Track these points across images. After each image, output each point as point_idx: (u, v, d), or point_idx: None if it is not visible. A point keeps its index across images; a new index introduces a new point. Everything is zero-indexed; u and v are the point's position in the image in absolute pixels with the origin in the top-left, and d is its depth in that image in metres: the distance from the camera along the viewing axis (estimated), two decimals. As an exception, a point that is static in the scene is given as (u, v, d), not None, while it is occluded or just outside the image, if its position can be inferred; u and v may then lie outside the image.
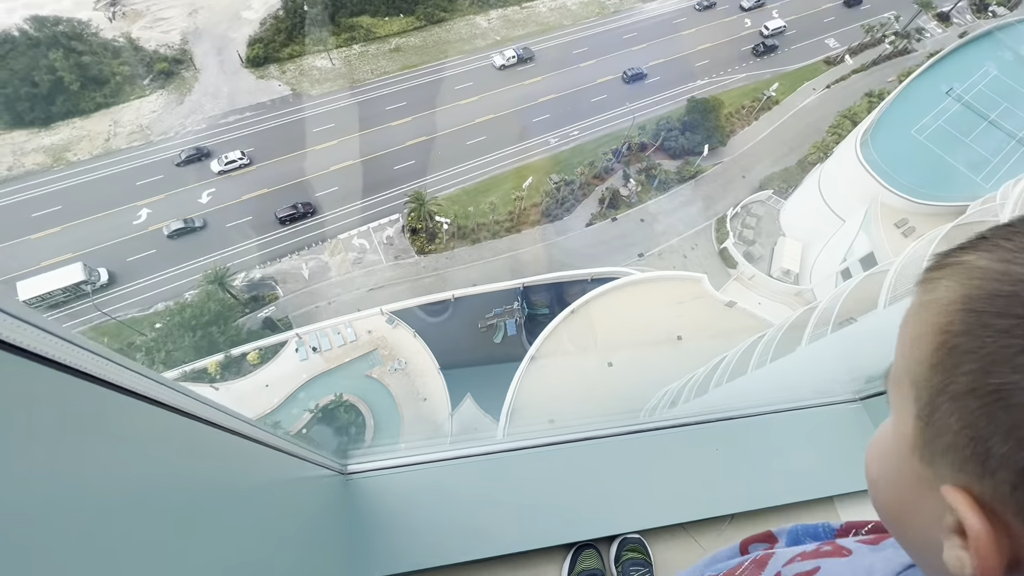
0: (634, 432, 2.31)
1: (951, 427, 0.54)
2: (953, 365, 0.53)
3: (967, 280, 0.54)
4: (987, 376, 0.49)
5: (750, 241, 35.41)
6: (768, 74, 46.42)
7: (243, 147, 37.37)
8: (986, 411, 0.49)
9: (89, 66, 38.03)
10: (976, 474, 0.52)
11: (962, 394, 0.52)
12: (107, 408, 0.76)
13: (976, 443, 0.51)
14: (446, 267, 34.34)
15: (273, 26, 43.87)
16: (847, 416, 2.50)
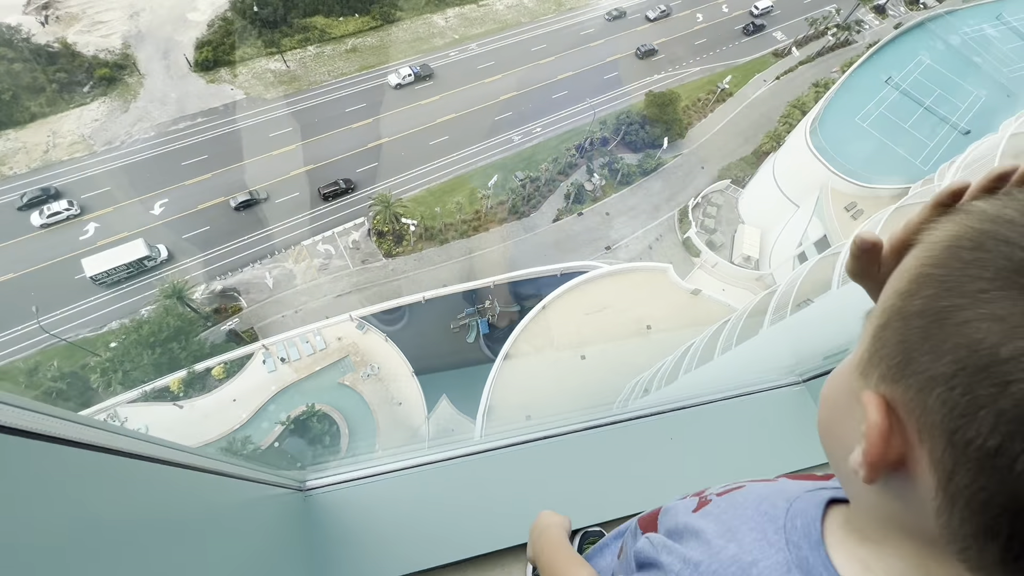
0: (592, 427, 2.37)
1: (891, 341, 0.60)
2: (916, 290, 0.58)
3: (961, 221, 0.58)
4: (938, 300, 0.54)
5: (711, 230, 36.44)
6: (721, 67, 47.78)
7: (198, 154, 35.96)
8: (924, 328, 0.55)
9: (20, 73, 35.82)
10: (893, 380, 0.59)
11: (912, 314, 0.57)
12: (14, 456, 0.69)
13: (904, 354, 0.57)
14: (415, 269, 34.00)
15: (222, 28, 42.31)
16: (791, 398, 2.64)
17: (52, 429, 0.77)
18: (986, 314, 0.49)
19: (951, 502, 0.54)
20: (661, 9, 50.18)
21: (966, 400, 0.50)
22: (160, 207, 33.59)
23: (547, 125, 41.62)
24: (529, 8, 50.02)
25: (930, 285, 0.57)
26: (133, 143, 36.20)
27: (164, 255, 31.75)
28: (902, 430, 0.58)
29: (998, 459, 0.48)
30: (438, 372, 28.27)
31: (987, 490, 0.50)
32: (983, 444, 0.49)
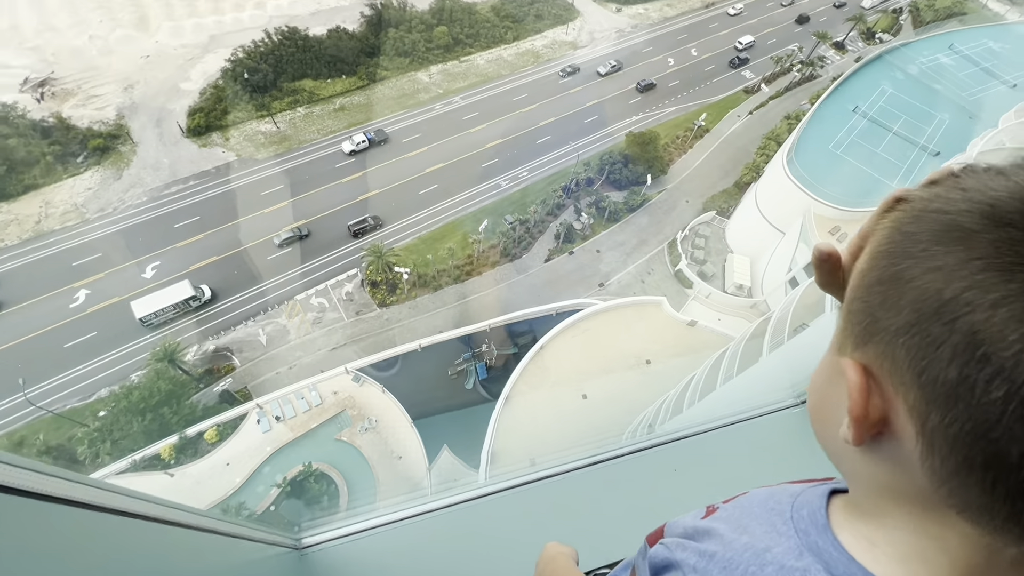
0: (593, 463, 2.29)
1: (857, 311, 0.69)
2: (871, 267, 0.68)
3: (899, 210, 0.69)
4: (889, 267, 0.64)
5: (702, 261, 36.89)
6: (695, 106, 49.89)
7: (190, 216, 36.40)
8: (883, 292, 0.64)
9: (14, 148, 36.60)
10: (864, 343, 0.67)
11: (871, 284, 0.67)
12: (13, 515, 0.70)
13: (869, 317, 0.66)
14: (410, 317, 33.87)
15: (214, 95, 43.85)
16: (791, 420, 2.60)
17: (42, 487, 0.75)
18: (929, 267, 0.59)
19: (930, 444, 0.59)
20: (612, 64, 51.80)
21: (925, 342, 0.57)
22: (152, 270, 33.61)
23: (533, 169, 42.78)
24: (509, 62, 52.49)
25: (882, 258, 0.66)
26: (126, 209, 36.64)
27: (208, 295, 32.47)
28: (880, 390, 0.64)
29: (960, 388, 0.54)
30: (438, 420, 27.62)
31: (957, 421, 0.55)
32: (945, 378, 0.55)
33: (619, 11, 60.43)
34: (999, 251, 0.55)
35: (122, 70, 45.32)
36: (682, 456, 2.43)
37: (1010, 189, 0.59)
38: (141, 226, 35.72)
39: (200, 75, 45.78)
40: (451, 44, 51.52)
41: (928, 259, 0.60)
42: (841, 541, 0.74)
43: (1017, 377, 0.51)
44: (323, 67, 47.10)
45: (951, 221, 0.60)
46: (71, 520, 0.79)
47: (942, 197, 0.64)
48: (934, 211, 0.63)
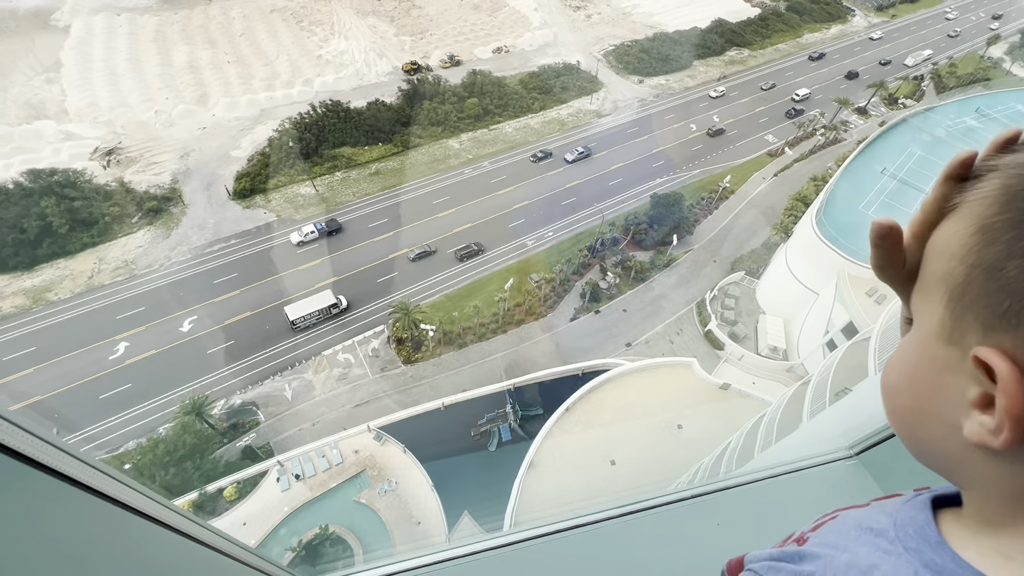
0: (628, 513, 2.10)
1: (986, 293, 0.59)
2: (988, 241, 0.59)
3: (1003, 176, 0.61)
4: (1021, 238, 0.56)
5: (732, 321, 35.95)
6: (719, 168, 50.72)
7: (229, 273, 38.03)
8: (1020, 265, 0.55)
9: (79, 210, 39.64)
10: (1005, 327, 0.57)
11: (996, 260, 0.58)
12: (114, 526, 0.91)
13: (1008, 297, 0.56)
14: (434, 375, 33.65)
15: (260, 161, 47.14)
16: (844, 473, 2.39)
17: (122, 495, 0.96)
18: None
19: None
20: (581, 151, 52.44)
21: None
22: (189, 324, 34.77)
23: (559, 229, 43.56)
24: (535, 129, 55.07)
25: (1005, 230, 0.58)
26: (171, 265, 38.63)
27: (345, 303, 36.47)
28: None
29: None
30: (459, 483, 26.58)
31: None
32: None
33: (641, 82, 63.45)
34: None
35: (181, 140, 49.45)
36: (724, 508, 2.21)
37: None
38: (183, 282, 37.42)
39: (249, 144, 49.49)
40: (481, 114, 54.63)
41: None
42: (965, 558, 0.65)
43: None
44: (361, 135, 50.34)
45: None
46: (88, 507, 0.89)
47: None
48: None
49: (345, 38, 65.66)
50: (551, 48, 68.22)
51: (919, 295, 0.73)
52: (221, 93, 55.07)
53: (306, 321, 34.85)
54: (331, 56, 62.65)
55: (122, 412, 30.22)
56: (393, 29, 69.36)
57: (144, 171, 45.89)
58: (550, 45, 68.82)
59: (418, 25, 70.89)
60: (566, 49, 68.01)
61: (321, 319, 35.45)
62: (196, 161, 47.59)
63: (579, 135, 54.24)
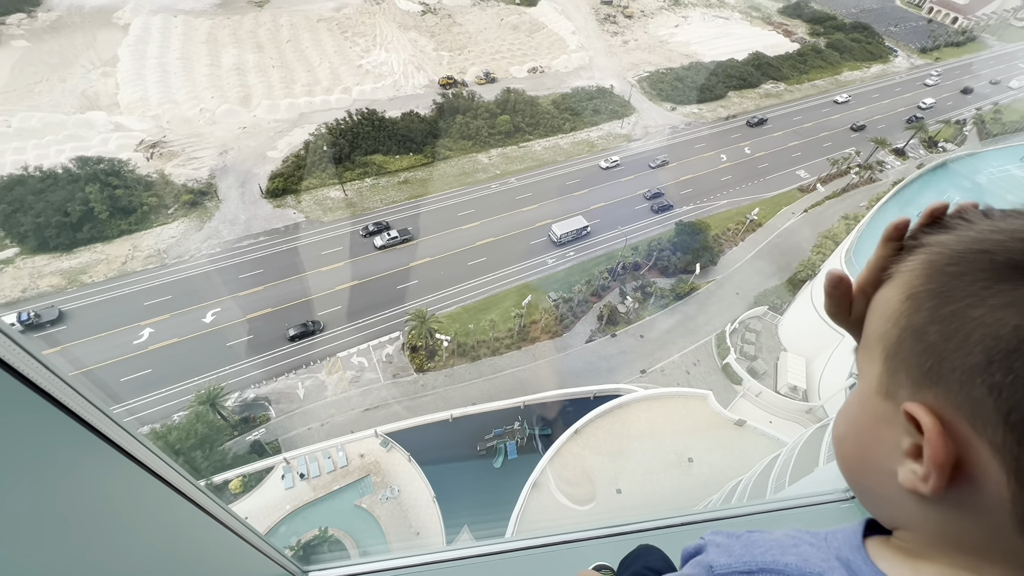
0: (619, 534, 2.05)
1: (912, 353, 0.68)
2: (914, 308, 0.68)
3: (928, 252, 0.71)
4: (942, 306, 0.64)
5: (752, 357, 35.14)
6: (747, 200, 50.16)
7: (255, 268, 38.96)
8: (940, 331, 0.64)
9: (120, 198, 41.27)
10: (930, 383, 0.65)
11: (921, 325, 0.67)
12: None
13: (930, 358, 0.65)
14: (445, 385, 33.63)
15: (294, 163, 48.50)
16: (840, 515, 2.33)
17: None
18: (996, 304, 0.59)
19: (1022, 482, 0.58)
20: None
21: (1010, 380, 0.56)
22: (212, 315, 35.60)
23: (580, 249, 43.49)
24: (564, 149, 55.48)
25: (928, 299, 0.67)
26: (201, 257, 39.77)
27: (589, 228, 44.17)
28: (951, 433, 0.62)
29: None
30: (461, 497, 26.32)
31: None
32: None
33: (673, 110, 63.57)
34: None
35: (221, 138, 51.29)
36: None
37: None
38: (211, 274, 38.42)
39: (286, 145, 51.03)
40: (512, 131, 55.35)
41: (992, 296, 0.60)
42: (879, 567, 0.73)
43: None
44: (394, 144, 51.43)
45: (1011, 259, 0.61)
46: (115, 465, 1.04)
47: (981, 238, 0.66)
48: (978, 251, 0.65)
49: (386, 50, 67.64)
50: (586, 71, 69.02)
51: (863, 352, 0.81)
52: (263, 96, 57.11)
53: (566, 238, 43.03)
54: (371, 66, 64.54)
55: (141, 396, 30.94)
56: (433, 44, 71.20)
57: (184, 165, 47.63)
58: (585, 68, 69.64)
59: (457, 41, 72.63)
60: (600, 73, 68.71)
61: (576, 238, 43.61)
62: (234, 159, 49.22)
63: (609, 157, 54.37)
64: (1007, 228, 0.66)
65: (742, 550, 0.85)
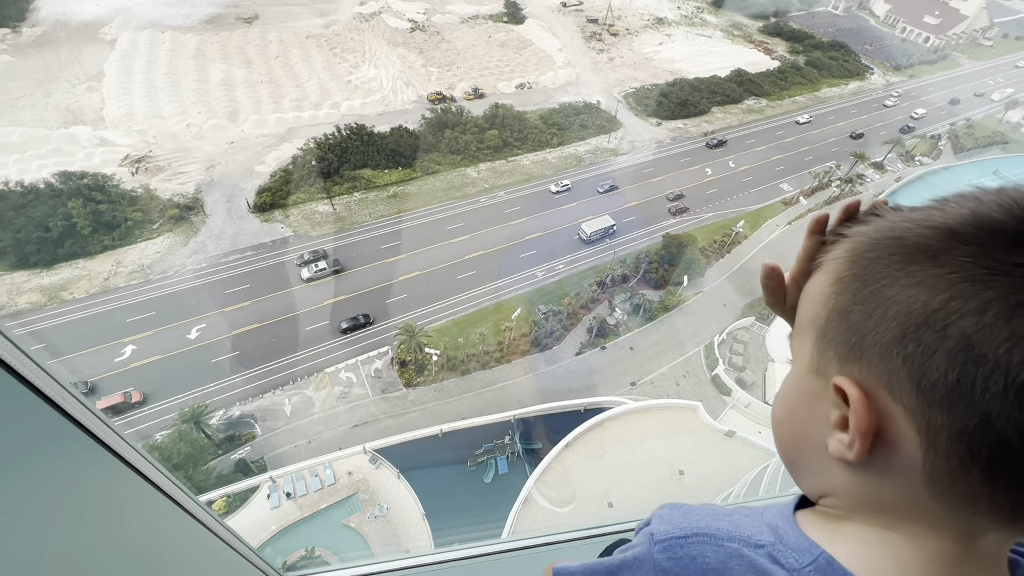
0: (607, 534, 2.04)
1: (839, 331, 0.75)
2: (839, 291, 0.77)
3: (851, 242, 0.79)
4: (863, 288, 0.72)
5: (740, 367, 35.39)
6: (733, 213, 50.94)
7: (242, 284, 38.51)
8: (863, 311, 0.71)
9: (103, 213, 40.69)
10: (855, 358, 0.72)
11: (846, 306, 0.75)
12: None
13: (854, 335, 0.72)
14: (435, 400, 33.32)
15: (282, 177, 48.31)
16: None
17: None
18: (907, 283, 0.67)
19: (933, 444, 0.65)
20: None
21: (920, 350, 0.64)
22: (197, 331, 35.02)
23: (569, 263, 43.71)
24: (552, 163, 56.04)
25: (852, 282, 0.75)
26: (186, 272, 39.23)
27: (615, 226, 45.83)
28: (873, 403, 0.70)
29: (960, 388, 0.61)
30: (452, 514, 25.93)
31: (960, 419, 0.62)
32: (944, 380, 0.62)
33: (659, 125, 64.67)
34: (969, 264, 0.63)
35: (209, 152, 51.01)
36: None
37: (963, 215, 0.68)
38: (196, 290, 37.89)
39: (274, 160, 50.87)
40: (500, 145, 55.81)
41: (904, 276, 0.67)
42: (806, 532, 0.81)
43: (1012, 369, 0.58)
44: (383, 159, 51.53)
45: (918, 243, 0.69)
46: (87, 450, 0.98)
47: (894, 227, 0.74)
48: (891, 237, 0.73)
49: (375, 66, 68.14)
50: (572, 87, 70.07)
51: (796, 336, 0.89)
52: (251, 111, 57.03)
53: (595, 235, 44.98)
54: (360, 82, 64.91)
55: (122, 415, 30.17)
56: (421, 60, 71.91)
57: (170, 180, 47.21)
58: (572, 84, 70.72)
59: (446, 58, 73.45)
60: (587, 89, 69.80)
61: (603, 236, 45.51)
62: (221, 173, 48.91)
63: (595, 172, 55.03)
64: (915, 217, 0.73)
65: (681, 518, 0.92)
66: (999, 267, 0.62)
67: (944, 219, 0.70)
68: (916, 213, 0.75)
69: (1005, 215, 0.66)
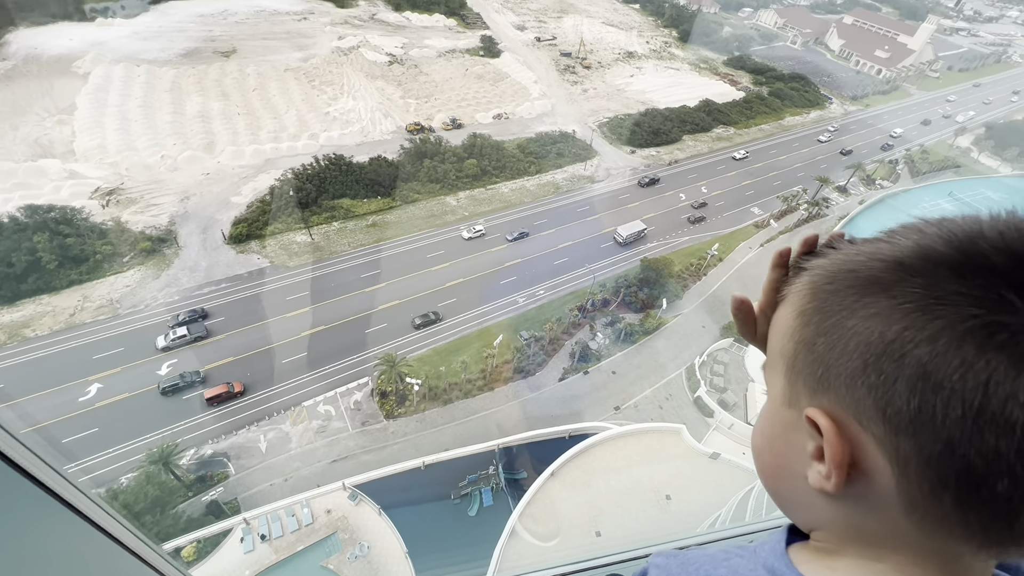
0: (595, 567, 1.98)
1: (806, 363, 0.77)
2: (803, 324, 0.79)
3: (810, 275, 0.81)
4: (824, 320, 0.74)
5: (722, 389, 35.65)
6: (707, 237, 52.24)
7: (215, 317, 37.49)
8: (827, 343, 0.73)
9: (71, 246, 39.49)
10: (822, 390, 0.74)
11: (811, 338, 0.76)
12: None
13: (822, 367, 0.73)
14: (416, 431, 32.56)
15: (259, 208, 47.85)
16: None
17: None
18: (864, 315, 0.69)
19: (904, 471, 0.66)
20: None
21: (882, 379, 0.65)
22: (168, 367, 33.79)
23: (550, 288, 43.94)
24: (531, 191, 56.93)
25: (814, 315, 0.77)
26: (157, 306, 38.07)
27: (646, 229, 49.34)
28: (844, 433, 0.71)
29: (922, 415, 0.62)
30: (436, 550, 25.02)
31: (926, 446, 0.63)
32: (907, 408, 0.63)
33: (633, 153, 66.58)
34: (919, 295, 0.65)
35: (183, 184, 50.36)
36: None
37: (909, 247, 0.71)
38: (168, 324, 36.71)
39: (251, 191, 50.45)
40: (479, 174, 56.56)
41: (860, 309, 0.70)
42: (801, 571, 0.81)
43: (968, 395, 0.59)
44: (361, 188, 51.62)
45: (871, 276, 0.71)
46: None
47: (848, 260, 0.76)
48: (847, 271, 0.75)
49: (353, 98, 68.93)
50: (549, 117, 71.92)
51: (768, 368, 0.90)
52: (228, 142, 56.81)
53: (631, 238, 48.06)
54: (338, 113, 65.46)
55: (85, 458, 28.60)
56: (400, 92, 73.09)
57: (143, 212, 46.29)
58: (548, 114, 72.61)
59: (424, 90, 74.82)
60: (563, 119, 71.71)
61: (637, 239, 48.50)
62: (196, 205, 48.21)
63: (572, 199, 56.03)
64: (867, 251, 0.75)
65: (679, 569, 0.93)
66: (946, 296, 0.64)
67: (892, 252, 0.71)
68: (867, 246, 0.77)
69: (947, 246, 0.68)
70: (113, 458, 28.85)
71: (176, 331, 35.40)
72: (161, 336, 35.29)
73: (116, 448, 29.23)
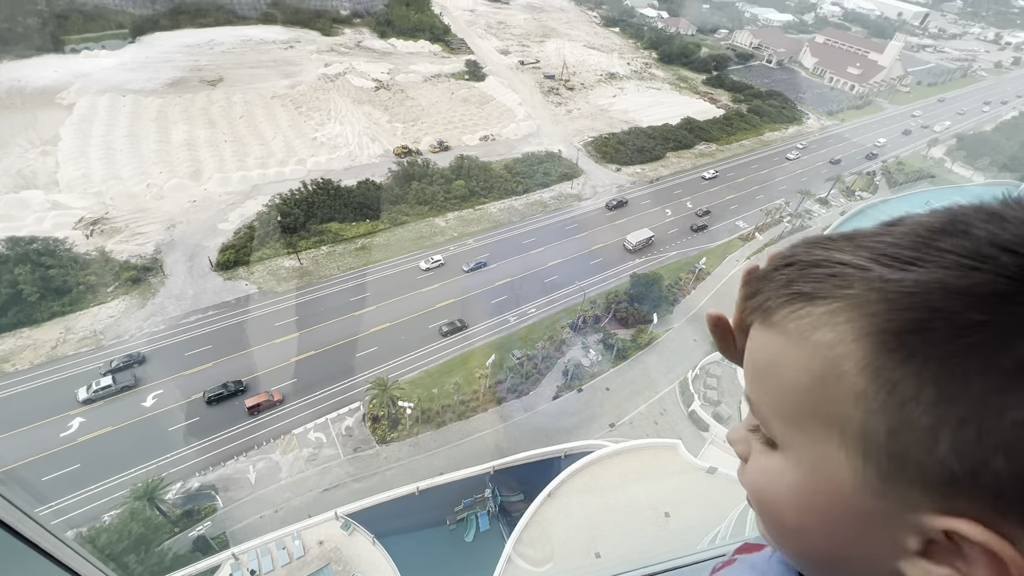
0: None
1: (928, 454, 0.56)
2: (898, 400, 0.57)
3: (866, 312, 0.61)
4: (955, 399, 0.53)
5: (715, 402, 35.65)
6: (695, 251, 52.88)
7: (203, 345, 36.88)
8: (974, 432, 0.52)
9: (53, 278, 38.82)
10: (966, 492, 0.54)
11: (932, 426, 0.55)
12: None
13: (967, 462, 0.53)
14: (410, 456, 32.00)
15: (246, 234, 47.60)
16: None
17: None
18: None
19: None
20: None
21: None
22: (153, 399, 33.03)
23: (541, 306, 43.97)
24: (519, 210, 57.38)
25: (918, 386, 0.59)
26: (141, 336, 37.38)
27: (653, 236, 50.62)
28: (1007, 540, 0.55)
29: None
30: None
31: None
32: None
33: (618, 170, 67.65)
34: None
35: (169, 212, 50.03)
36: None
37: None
38: (153, 354, 36.04)
39: (238, 217, 50.25)
40: (467, 195, 56.98)
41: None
42: None
43: None
44: (350, 212, 51.68)
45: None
46: None
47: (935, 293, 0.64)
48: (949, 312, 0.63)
49: (340, 123, 69.51)
50: (534, 138, 73.03)
51: (791, 427, 0.71)
52: (215, 169, 56.76)
53: (639, 245, 49.74)
54: (326, 139, 65.87)
55: (67, 496, 27.62)
56: (387, 116, 73.87)
57: (128, 241, 45.80)
58: (533, 135, 73.73)
59: (410, 114, 75.73)
60: (548, 139, 72.85)
61: (645, 247, 50.23)
62: (182, 232, 47.84)
63: (560, 217, 56.57)
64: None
65: None
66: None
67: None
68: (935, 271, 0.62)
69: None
70: (97, 495, 27.87)
71: (99, 382, 32.47)
72: (82, 389, 32.43)
73: (100, 483, 28.26)
